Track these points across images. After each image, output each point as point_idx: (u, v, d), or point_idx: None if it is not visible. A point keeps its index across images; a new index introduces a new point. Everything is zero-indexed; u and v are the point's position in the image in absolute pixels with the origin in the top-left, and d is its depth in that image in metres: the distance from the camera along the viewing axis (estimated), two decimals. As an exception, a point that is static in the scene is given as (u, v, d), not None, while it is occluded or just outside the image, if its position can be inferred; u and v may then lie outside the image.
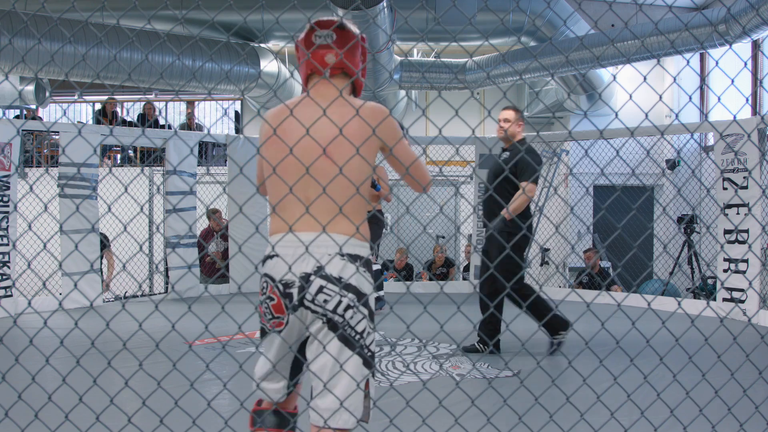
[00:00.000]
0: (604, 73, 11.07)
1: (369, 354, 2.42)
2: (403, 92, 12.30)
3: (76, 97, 14.25)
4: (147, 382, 2.83)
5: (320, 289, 2.34)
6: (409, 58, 11.39)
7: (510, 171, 5.49)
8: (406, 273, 11.15)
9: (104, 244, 9.47)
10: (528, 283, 6.18)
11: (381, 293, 8.16)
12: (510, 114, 5.72)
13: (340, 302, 2.34)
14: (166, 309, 2.60)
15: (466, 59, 11.12)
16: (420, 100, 13.51)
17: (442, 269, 11.19)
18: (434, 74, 11.22)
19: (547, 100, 12.49)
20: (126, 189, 2.57)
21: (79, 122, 13.43)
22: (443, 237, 12.62)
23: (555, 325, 5.77)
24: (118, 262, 10.09)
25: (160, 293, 10.27)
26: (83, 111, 14.91)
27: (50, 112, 14.12)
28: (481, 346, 5.97)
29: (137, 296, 9.68)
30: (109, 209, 2.51)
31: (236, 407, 2.98)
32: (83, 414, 2.78)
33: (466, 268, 11.30)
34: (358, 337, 2.37)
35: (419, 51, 12.39)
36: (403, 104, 12.72)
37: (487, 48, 11.14)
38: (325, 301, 2.33)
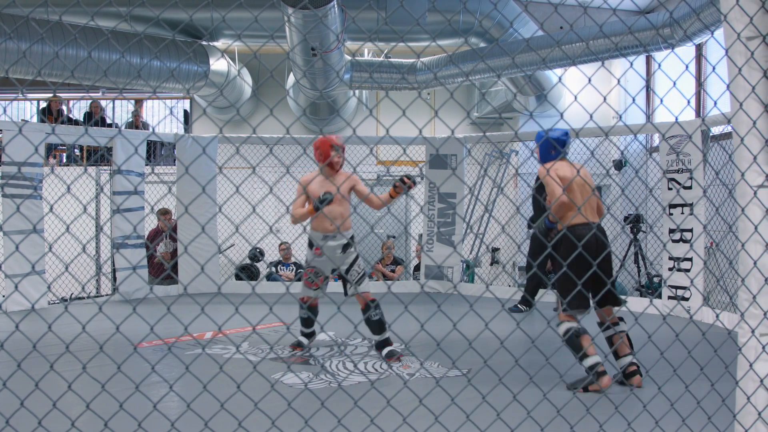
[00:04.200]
0: (553, 75, 11.21)
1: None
2: (352, 92, 12.29)
3: (18, 95, 13.93)
4: (91, 385, 2.78)
5: None
6: (358, 58, 11.38)
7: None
8: (357, 273, 11.14)
9: None
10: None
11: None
12: None
13: None
14: (113, 311, 2.57)
15: (414, 60, 11.15)
16: (371, 100, 13.52)
17: (390, 266, 11.21)
18: (384, 74, 11.23)
19: (497, 101, 12.59)
20: (68, 188, 2.52)
21: (22, 120, 13.14)
22: (394, 237, 12.65)
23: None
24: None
25: (107, 295, 10.11)
26: (27, 109, 14.60)
27: (-9, 110, 13.80)
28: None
29: (83, 298, 9.51)
30: (51, 209, 2.46)
31: (183, 409, 2.94)
32: (25, 419, 2.72)
33: (417, 268, 11.33)
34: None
35: (370, 51, 12.40)
36: (353, 104, 12.72)
37: (437, 49, 11.20)
38: None
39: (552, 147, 5.22)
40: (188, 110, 14.12)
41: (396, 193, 5.55)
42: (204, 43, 10.71)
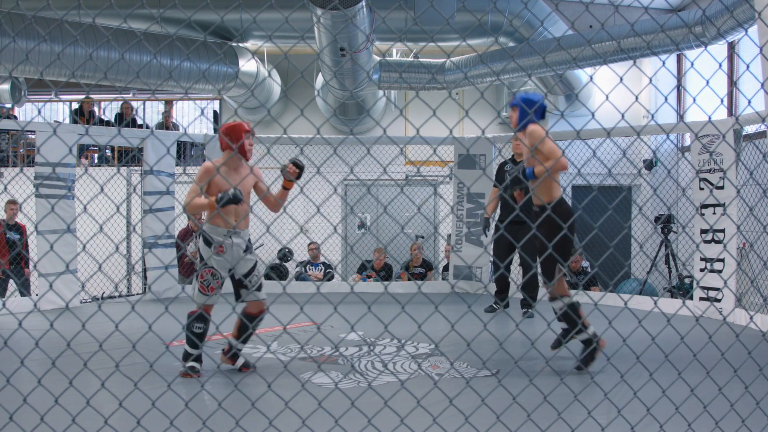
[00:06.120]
0: (582, 74, 11.13)
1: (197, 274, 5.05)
2: (381, 92, 12.30)
3: (52, 96, 14.12)
4: (124, 383, 2.81)
5: None
6: (387, 59, 11.39)
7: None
8: (386, 273, 11.14)
9: None
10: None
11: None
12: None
13: None
14: (144, 310, 2.59)
15: (444, 59, 11.13)
16: (399, 100, 13.52)
17: (419, 269, 11.18)
18: (413, 74, 11.23)
19: (526, 100, 12.51)
20: (102, 189, 2.55)
21: (55, 121, 13.32)
22: (422, 237, 12.64)
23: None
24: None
25: (138, 294, 10.20)
26: (60, 110, 14.79)
27: (26, 111, 13.99)
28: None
29: (114, 297, 9.61)
30: (85, 209, 2.49)
31: (214, 408, 2.96)
32: (59, 416, 2.75)
33: (446, 268, 11.30)
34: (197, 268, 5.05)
35: (398, 51, 12.40)
36: (381, 104, 12.72)
37: (465, 48, 11.17)
38: None
39: (534, 111, 5.07)
40: (218, 111, 14.21)
41: (289, 183, 5.14)
42: (234, 44, 10.78)
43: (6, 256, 9.50)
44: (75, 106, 13.55)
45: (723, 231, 8.00)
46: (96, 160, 13.31)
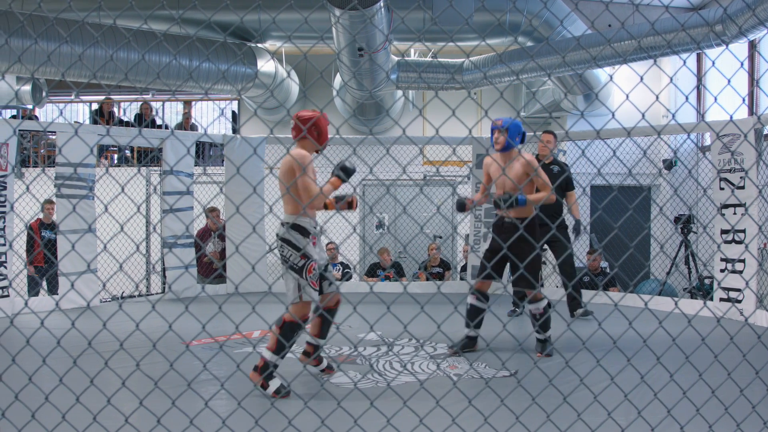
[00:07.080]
0: (601, 74, 11.08)
1: (300, 270, 4.53)
2: (400, 92, 12.30)
3: (72, 97, 14.23)
4: (144, 382, 2.83)
5: (279, 245, 4.63)
6: (406, 59, 11.38)
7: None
8: (396, 271, 11.14)
9: None
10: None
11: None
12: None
13: (282, 249, 4.60)
14: (164, 309, 2.60)
15: (463, 59, 11.11)
16: (417, 100, 13.51)
17: (437, 269, 11.17)
18: (431, 74, 11.22)
19: (545, 100, 12.49)
20: (123, 189, 2.57)
21: (76, 122, 13.42)
22: (441, 237, 12.61)
23: None
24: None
25: (157, 293, 10.25)
26: (80, 111, 14.89)
27: (47, 112, 14.11)
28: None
29: (134, 296, 9.67)
30: (106, 209, 2.50)
31: (234, 407, 2.97)
32: (80, 414, 2.77)
33: (464, 268, 11.28)
34: (296, 266, 4.54)
35: (416, 51, 12.39)
36: (400, 104, 12.72)
37: (484, 48, 11.15)
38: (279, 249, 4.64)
39: (519, 135, 5.64)
40: (236, 111, 14.27)
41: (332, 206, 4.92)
42: (253, 45, 10.82)
43: (41, 254, 9.63)
44: (95, 106, 13.65)
45: (744, 231, 7.93)
46: (116, 161, 13.40)
